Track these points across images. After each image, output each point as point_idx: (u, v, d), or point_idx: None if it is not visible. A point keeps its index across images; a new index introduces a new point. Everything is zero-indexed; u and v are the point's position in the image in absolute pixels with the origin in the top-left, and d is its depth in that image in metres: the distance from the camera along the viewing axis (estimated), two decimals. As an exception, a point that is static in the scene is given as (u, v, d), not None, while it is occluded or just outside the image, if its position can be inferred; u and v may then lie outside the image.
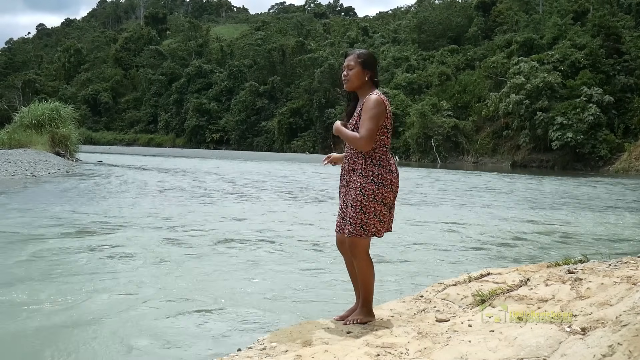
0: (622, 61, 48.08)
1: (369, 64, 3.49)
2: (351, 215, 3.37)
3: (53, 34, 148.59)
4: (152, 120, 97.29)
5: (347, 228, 3.39)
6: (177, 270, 6.41)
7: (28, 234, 8.30)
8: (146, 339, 4.24)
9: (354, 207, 3.37)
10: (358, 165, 3.42)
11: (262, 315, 4.86)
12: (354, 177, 3.43)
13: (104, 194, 14.94)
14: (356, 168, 3.43)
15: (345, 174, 3.51)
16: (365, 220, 3.35)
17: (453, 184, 23.57)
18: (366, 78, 3.48)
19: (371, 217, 3.36)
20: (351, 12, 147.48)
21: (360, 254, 3.41)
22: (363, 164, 3.40)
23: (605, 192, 21.12)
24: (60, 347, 4.02)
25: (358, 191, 3.37)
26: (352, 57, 3.51)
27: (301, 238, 8.78)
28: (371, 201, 3.35)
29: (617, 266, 3.92)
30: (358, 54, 3.52)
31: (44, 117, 28.36)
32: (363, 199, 3.35)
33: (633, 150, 42.01)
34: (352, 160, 3.46)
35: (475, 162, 51.96)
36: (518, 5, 71.71)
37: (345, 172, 3.51)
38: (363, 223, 3.35)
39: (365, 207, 3.35)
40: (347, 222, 3.39)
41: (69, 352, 3.96)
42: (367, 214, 3.35)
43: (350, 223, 3.37)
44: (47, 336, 4.24)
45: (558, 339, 2.58)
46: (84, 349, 4.03)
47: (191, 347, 4.10)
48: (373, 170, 3.38)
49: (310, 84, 75.20)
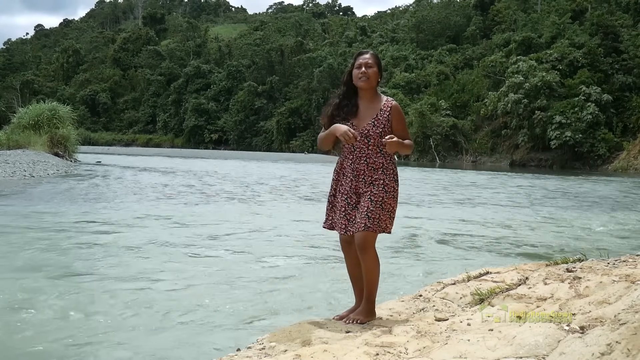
0: (620, 60, 48.14)
1: (380, 66, 3.60)
2: (370, 210, 3.42)
3: (51, 35, 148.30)
4: (151, 121, 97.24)
5: (363, 222, 3.41)
6: (175, 269, 6.41)
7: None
8: (146, 340, 4.24)
9: (374, 203, 3.43)
10: (379, 165, 3.50)
11: (261, 314, 4.86)
12: (376, 175, 3.49)
13: (99, 194, 14.94)
14: (378, 167, 3.50)
15: (363, 174, 3.51)
16: (382, 216, 3.43)
17: (449, 182, 23.59)
18: (379, 79, 3.58)
19: (385, 213, 3.45)
20: (349, 11, 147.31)
21: (371, 249, 3.44)
22: (384, 163, 3.50)
23: (613, 190, 21.14)
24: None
25: (381, 188, 3.46)
26: (370, 55, 3.58)
27: (300, 237, 8.78)
28: (390, 198, 3.47)
29: (616, 264, 3.92)
30: (374, 54, 3.61)
31: (43, 118, 28.35)
32: (385, 195, 3.45)
33: (632, 149, 42.07)
34: (371, 160, 3.50)
35: (474, 161, 51.99)
36: (516, 4, 71.74)
37: (365, 172, 3.51)
38: (379, 219, 3.42)
39: (384, 203, 3.45)
40: (364, 216, 3.41)
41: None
42: (385, 210, 3.44)
43: (368, 217, 3.41)
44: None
45: (557, 338, 2.58)
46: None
47: (190, 347, 4.10)
48: (393, 169, 3.53)
49: (309, 84, 75.20)
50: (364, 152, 3.52)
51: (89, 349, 4.06)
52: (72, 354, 3.95)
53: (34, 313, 4.77)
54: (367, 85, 3.53)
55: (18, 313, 4.77)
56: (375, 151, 3.50)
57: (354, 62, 3.57)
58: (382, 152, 3.49)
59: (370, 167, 3.50)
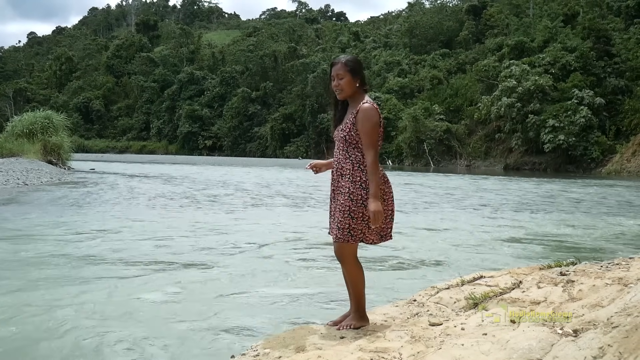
0: (612, 63, 48.42)
1: (357, 70, 3.46)
2: (339, 220, 3.36)
3: (44, 42, 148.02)
4: (145, 128, 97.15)
5: (334, 233, 3.39)
6: (169, 278, 6.39)
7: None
8: (140, 346, 4.22)
9: (342, 212, 3.35)
10: (346, 171, 3.40)
11: (255, 321, 4.84)
12: (342, 183, 3.41)
13: (89, 202, 14.90)
14: (344, 173, 3.41)
15: (334, 180, 3.49)
16: (353, 225, 3.33)
17: (441, 187, 23.63)
18: (357, 84, 3.46)
19: (359, 222, 3.34)
20: (342, 17, 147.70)
21: (348, 259, 3.40)
22: (351, 170, 3.39)
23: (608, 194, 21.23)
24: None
25: (347, 196, 3.35)
26: (339, 65, 3.45)
27: (295, 242, 8.77)
28: (359, 206, 3.33)
29: (609, 268, 3.94)
30: (344, 61, 3.47)
31: (36, 126, 28.32)
32: (351, 204, 3.33)
33: (625, 152, 42.26)
34: (339, 166, 3.45)
35: (468, 165, 52.11)
36: (509, 8, 72.11)
37: (334, 177, 3.50)
38: (351, 228, 3.34)
39: (353, 212, 3.33)
40: (335, 227, 3.38)
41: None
42: (355, 219, 3.33)
43: (338, 228, 3.36)
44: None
45: (550, 341, 2.59)
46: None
47: (184, 355, 4.08)
48: (361, 176, 3.36)
49: (303, 90, 75.31)
50: (337, 157, 3.49)
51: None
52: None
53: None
54: (342, 96, 3.47)
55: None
56: (344, 157, 3.43)
57: (329, 72, 3.53)
58: (350, 158, 3.40)
59: (339, 173, 3.45)
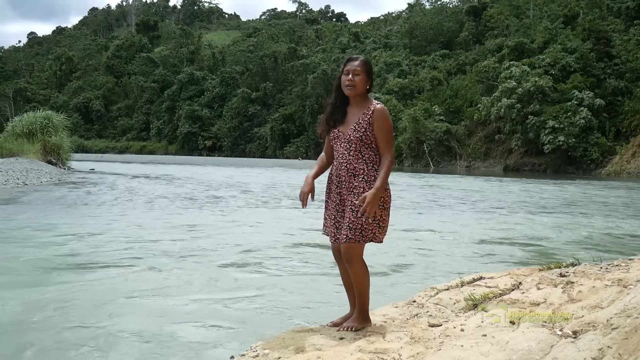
0: (612, 64, 48.46)
1: (370, 72, 3.49)
2: (351, 221, 3.32)
3: (44, 42, 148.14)
4: (145, 128, 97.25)
5: (345, 233, 3.33)
6: (168, 278, 6.39)
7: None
8: (138, 346, 4.22)
9: (355, 212, 3.31)
10: (360, 171, 3.38)
11: (255, 322, 4.84)
12: (355, 183, 3.38)
13: (88, 202, 14.90)
14: (358, 174, 3.38)
15: (344, 181, 3.44)
16: (365, 225, 3.31)
17: (442, 189, 23.63)
18: (367, 86, 3.48)
19: (370, 223, 3.31)
20: (342, 17, 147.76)
21: (356, 259, 3.36)
22: (366, 169, 3.38)
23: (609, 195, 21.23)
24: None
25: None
26: (358, 62, 3.46)
27: (295, 244, 8.77)
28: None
29: (608, 269, 3.94)
30: (364, 60, 3.48)
31: (36, 126, 28.31)
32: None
33: (624, 153, 42.29)
34: (351, 167, 3.41)
35: (468, 166, 52.13)
36: (509, 9, 72.20)
37: (344, 178, 3.44)
38: (363, 228, 3.31)
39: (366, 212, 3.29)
40: (346, 227, 3.33)
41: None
42: (368, 219, 3.30)
43: (350, 228, 3.32)
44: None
45: (550, 343, 2.58)
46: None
47: (184, 355, 4.08)
48: (375, 176, 3.35)
49: (303, 90, 75.38)
50: (345, 157, 3.44)
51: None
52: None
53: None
54: (352, 93, 3.44)
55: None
56: (357, 157, 3.40)
57: (344, 67, 3.49)
58: (363, 158, 3.39)
59: (350, 174, 3.41)
